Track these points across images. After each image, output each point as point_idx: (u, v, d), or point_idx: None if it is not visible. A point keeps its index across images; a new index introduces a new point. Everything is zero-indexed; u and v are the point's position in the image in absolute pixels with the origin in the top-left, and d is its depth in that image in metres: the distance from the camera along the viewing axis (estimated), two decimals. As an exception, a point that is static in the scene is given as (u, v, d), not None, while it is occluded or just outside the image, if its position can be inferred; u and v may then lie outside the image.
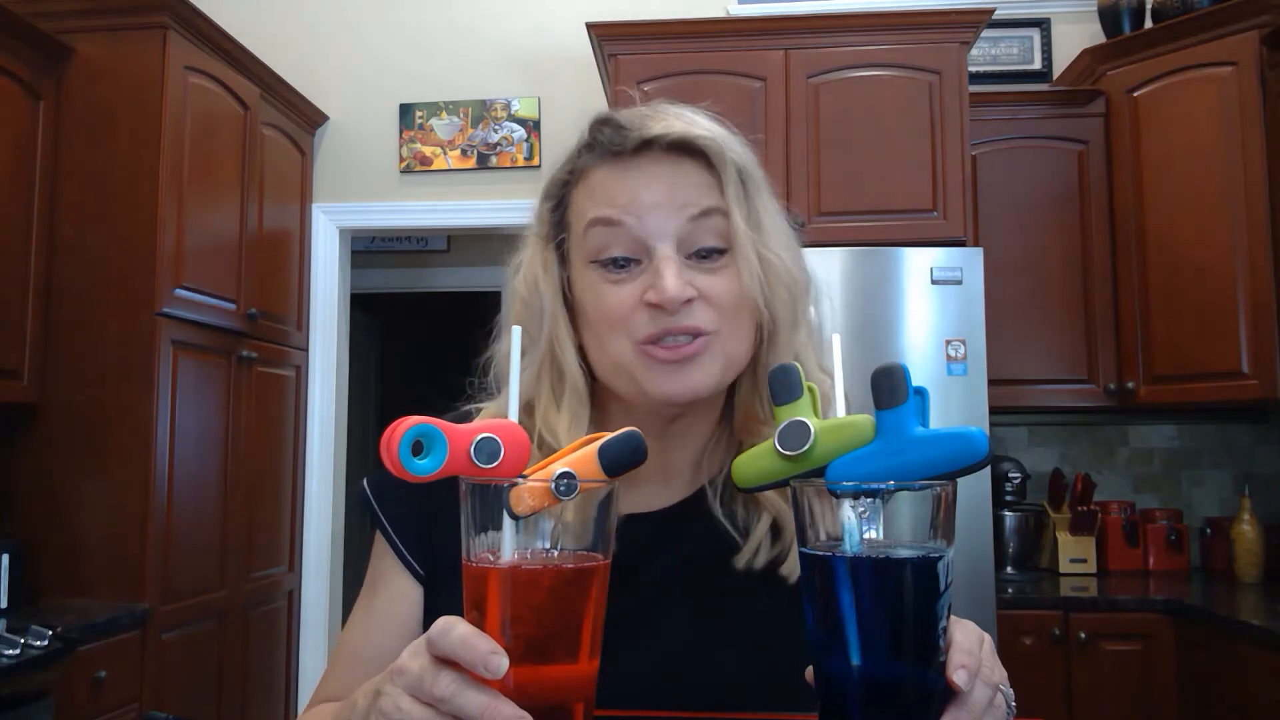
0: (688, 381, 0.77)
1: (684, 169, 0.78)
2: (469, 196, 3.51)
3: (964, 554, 2.44)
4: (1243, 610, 2.51)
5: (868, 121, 2.78)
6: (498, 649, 0.49)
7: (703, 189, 0.78)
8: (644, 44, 2.87)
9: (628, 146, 0.78)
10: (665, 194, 0.77)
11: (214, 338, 2.89)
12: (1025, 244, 3.06)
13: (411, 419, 0.54)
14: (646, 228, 0.77)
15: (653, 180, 0.78)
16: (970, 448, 0.54)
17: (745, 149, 0.83)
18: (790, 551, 0.78)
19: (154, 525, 2.57)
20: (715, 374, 0.78)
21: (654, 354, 0.76)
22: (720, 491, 0.83)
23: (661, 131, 0.78)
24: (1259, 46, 2.77)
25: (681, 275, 0.76)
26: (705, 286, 0.77)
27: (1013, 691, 0.62)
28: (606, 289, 0.78)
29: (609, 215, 0.78)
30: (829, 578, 0.52)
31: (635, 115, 0.81)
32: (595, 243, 0.79)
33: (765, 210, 0.81)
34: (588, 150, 0.82)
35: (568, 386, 0.81)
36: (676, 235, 0.77)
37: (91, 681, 2.29)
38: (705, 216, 0.78)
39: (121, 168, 2.65)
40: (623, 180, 0.78)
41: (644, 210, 0.77)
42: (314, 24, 3.62)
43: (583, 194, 0.81)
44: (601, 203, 0.79)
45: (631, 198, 0.77)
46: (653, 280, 0.76)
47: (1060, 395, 3.06)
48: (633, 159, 0.79)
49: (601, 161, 0.80)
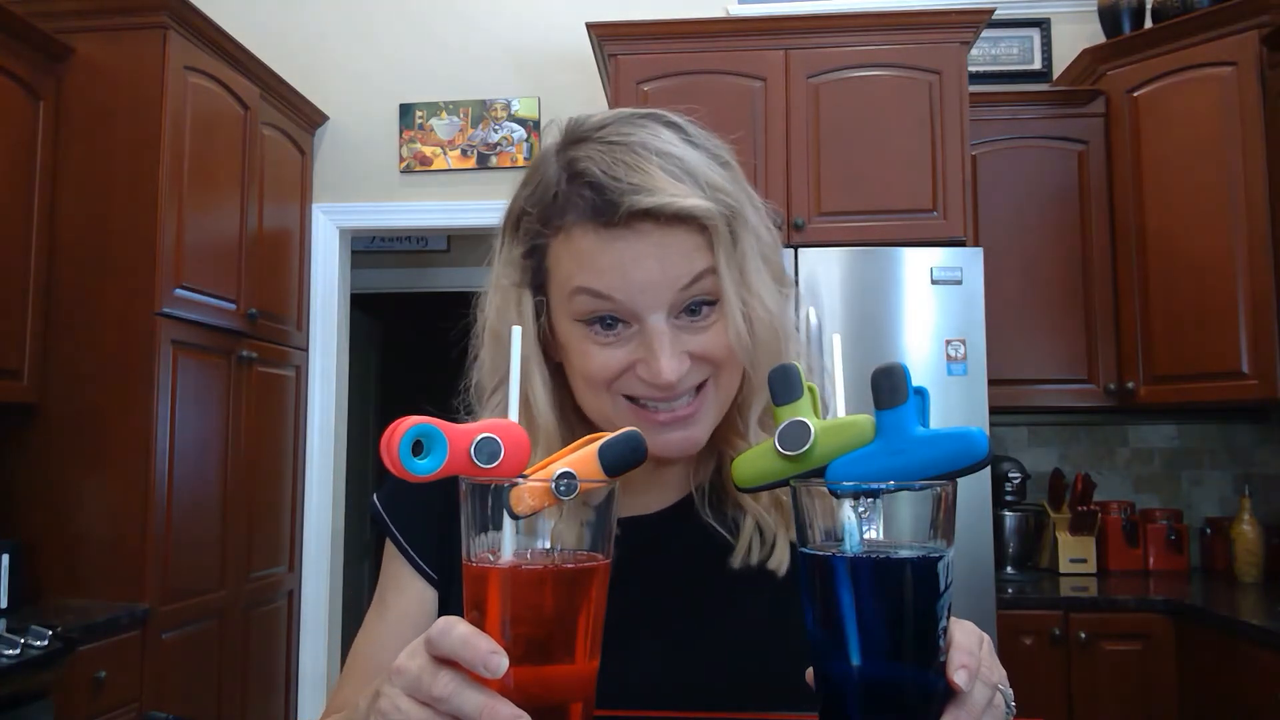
0: (686, 442, 0.77)
1: (674, 237, 0.73)
2: (469, 196, 3.51)
3: (964, 554, 2.44)
4: (1243, 610, 2.51)
5: (868, 121, 2.78)
6: (497, 649, 0.49)
7: (693, 255, 0.74)
8: (644, 44, 2.87)
9: (616, 218, 0.72)
10: (658, 271, 0.73)
11: (214, 338, 2.89)
12: (1025, 244, 3.06)
13: (411, 419, 0.54)
14: (637, 303, 0.74)
15: (643, 257, 0.73)
16: (970, 448, 0.54)
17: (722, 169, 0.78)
18: (776, 548, 0.79)
19: (154, 525, 2.57)
20: (707, 428, 0.79)
21: (650, 417, 0.76)
22: (707, 495, 0.83)
23: (652, 206, 0.71)
24: (1259, 46, 2.77)
25: (675, 351, 0.74)
26: (696, 347, 0.76)
27: (1012, 692, 0.62)
28: (594, 350, 0.76)
29: (597, 289, 0.74)
30: (829, 578, 0.52)
31: (618, 172, 0.73)
32: (582, 307, 0.75)
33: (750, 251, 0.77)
34: (571, 207, 0.75)
35: (541, 433, 0.78)
36: (669, 305, 0.75)
37: (91, 681, 2.29)
38: (696, 281, 0.75)
39: (121, 168, 2.65)
40: (609, 252, 0.73)
41: (634, 287, 0.73)
42: (314, 24, 3.62)
43: (565, 253, 0.76)
44: (588, 271, 0.74)
45: (621, 275, 0.73)
46: (644, 355, 0.74)
47: (1060, 395, 3.06)
48: (621, 230, 0.73)
49: (584, 221, 0.74)
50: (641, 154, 0.74)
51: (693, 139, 0.78)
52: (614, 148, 0.75)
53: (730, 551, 0.79)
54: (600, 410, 0.78)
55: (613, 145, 0.75)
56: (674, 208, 0.72)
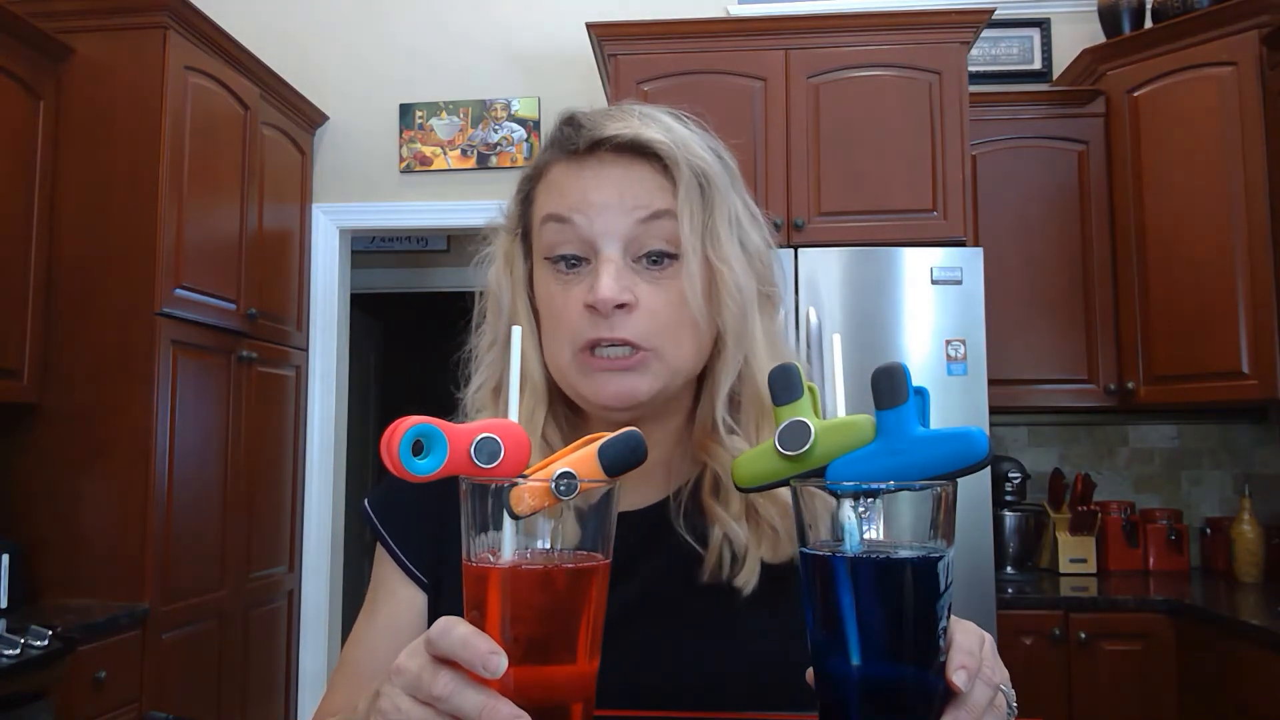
0: (624, 386, 0.77)
1: (636, 171, 0.78)
2: (469, 196, 3.51)
3: (964, 554, 2.44)
4: (1243, 610, 2.51)
5: (868, 121, 2.78)
6: (497, 649, 0.49)
7: (654, 191, 0.77)
8: (644, 44, 2.87)
9: (581, 145, 0.79)
10: (615, 195, 0.77)
11: (214, 338, 2.89)
12: (1025, 244, 3.07)
13: (411, 419, 0.54)
14: (594, 227, 0.77)
15: (604, 181, 0.78)
16: (970, 448, 0.54)
17: (712, 153, 0.82)
18: (745, 564, 0.76)
19: (154, 525, 2.57)
20: (653, 383, 0.78)
21: (590, 362, 0.77)
22: (684, 504, 0.81)
23: (615, 132, 0.78)
24: (1259, 46, 2.77)
25: (621, 279, 0.76)
26: (645, 295, 0.77)
27: (1014, 692, 0.61)
28: (556, 290, 0.79)
29: (559, 212, 0.78)
30: (829, 578, 0.52)
31: (597, 114, 0.81)
32: (549, 239, 0.79)
33: (722, 218, 0.79)
34: (551, 146, 0.82)
35: (527, 381, 0.81)
36: (624, 237, 0.77)
37: (91, 681, 2.29)
38: (655, 219, 0.77)
39: (121, 168, 2.65)
40: (576, 179, 0.79)
41: (593, 210, 0.77)
42: (314, 24, 3.62)
43: (542, 189, 0.82)
44: (555, 199, 0.79)
45: (582, 196, 0.78)
46: (593, 282, 0.76)
47: (1060, 395, 3.06)
48: (586, 158, 0.79)
49: (559, 158, 0.81)
50: (627, 109, 0.82)
51: (685, 123, 0.83)
52: (608, 108, 0.83)
53: (699, 562, 0.77)
54: (559, 364, 0.80)
55: (608, 107, 0.83)
56: (633, 136, 0.77)
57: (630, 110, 0.81)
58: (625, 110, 0.81)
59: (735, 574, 0.76)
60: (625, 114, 0.81)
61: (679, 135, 0.80)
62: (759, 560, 0.76)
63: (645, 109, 0.82)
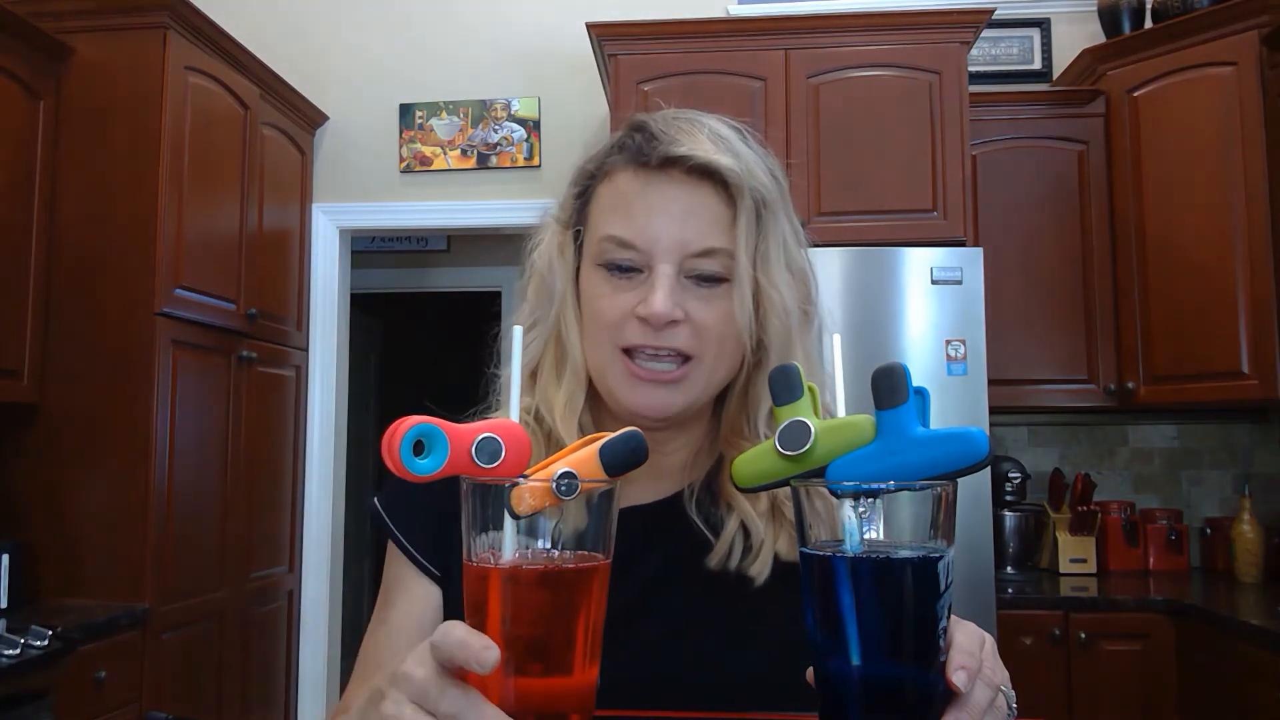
0: (663, 400, 0.79)
1: (700, 195, 0.80)
2: (469, 196, 3.51)
3: (964, 554, 2.44)
4: (1243, 610, 2.51)
5: (868, 121, 2.78)
6: (490, 644, 0.49)
7: (714, 225, 0.79)
8: (644, 44, 2.87)
9: (653, 160, 0.80)
10: (676, 226, 0.79)
11: (214, 338, 2.89)
12: (1025, 244, 3.07)
13: (412, 419, 0.54)
14: (653, 247, 0.79)
15: (670, 204, 0.79)
16: (971, 448, 0.54)
17: (769, 175, 0.83)
18: (760, 555, 0.79)
19: (154, 525, 2.57)
20: (689, 398, 0.81)
21: (633, 370, 0.79)
22: (697, 493, 0.84)
23: (688, 153, 0.79)
24: (1259, 46, 2.77)
25: (673, 295, 0.78)
26: (695, 311, 0.79)
27: (1015, 693, 0.61)
28: (605, 292, 0.81)
29: (624, 237, 0.80)
30: (829, 578, 0.52)
31: (669, 126, 0.82)
32: (608, 254, 0.81)
33: (775, 243, 0.82)
34: (619, 150, 0.83)
35: (569, 366, 0.83)
36: (679, 259, 0.79)
37: (91, 681, 2.29)
38: (709, 255, 0.80)
39: (121, 167, 2.65)
40: (642, 197, 0.80)
41: (653, 234, 0.79)
42: (314, 24, 3.62)
43: (605, 193, 0.83)
44: (620, 218, 0.81)
45: (646, 220, 0.79)
46: (646, 294, 0.78)
47: (1060, 395, 3.06)
48: (655, 174, 0.80)
49: (627, 166, 0.82)
50: (698, 124, 0.83)
51: (748, 141, 0.84)
52: (677, 117, 0.84)
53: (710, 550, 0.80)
54: (598, 361, 0.82)
55: (677, 115, 0.84)
56: (704, 159, 0.79)
57: (699, 124, 0.82)
58: (695, 124, 0.82)
59: (749, 563, 0.78)
60: (695, 129, 0.82)
61: (746, 161, 0.81)
62: (774, 553, 0.79)
63: (714, 125, 0.83)
